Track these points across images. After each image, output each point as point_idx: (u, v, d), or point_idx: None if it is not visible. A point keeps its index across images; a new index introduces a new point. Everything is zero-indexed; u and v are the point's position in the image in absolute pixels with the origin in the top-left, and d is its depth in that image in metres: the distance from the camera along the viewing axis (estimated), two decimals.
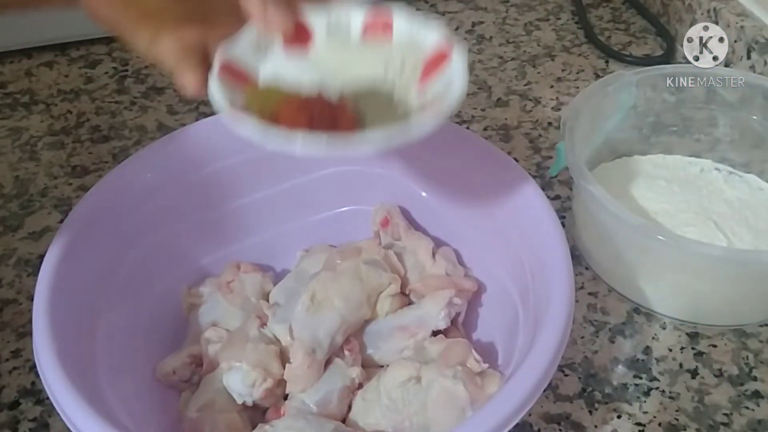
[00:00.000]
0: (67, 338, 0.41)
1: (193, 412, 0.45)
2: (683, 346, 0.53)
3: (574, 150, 0.54)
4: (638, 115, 0.63)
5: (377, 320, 0.50)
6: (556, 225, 0.45)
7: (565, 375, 0.51)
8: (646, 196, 0.60)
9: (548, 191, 0.65)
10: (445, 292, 0.49)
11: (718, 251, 0.51)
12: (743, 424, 0.49)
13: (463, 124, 0.72)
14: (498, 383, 0.44)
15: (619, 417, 0.49)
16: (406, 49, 0.42)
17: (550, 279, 0.43)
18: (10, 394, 0.51)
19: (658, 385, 0.51)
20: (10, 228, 0.63)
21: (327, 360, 0.47)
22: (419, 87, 0.41)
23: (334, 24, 0.43)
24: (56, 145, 0.71)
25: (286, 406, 0.45)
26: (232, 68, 0.40)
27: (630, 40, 0.84)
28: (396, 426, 0.44)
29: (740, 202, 0.60)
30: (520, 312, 0.47)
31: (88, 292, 0.45)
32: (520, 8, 0.90)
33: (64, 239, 0.45)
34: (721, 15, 0.73)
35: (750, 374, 0.51)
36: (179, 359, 0.48)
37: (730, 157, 0.63)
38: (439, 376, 0.44)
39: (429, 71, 0.41)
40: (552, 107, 0.75)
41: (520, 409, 0.37)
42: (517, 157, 0.68)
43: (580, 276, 0.58)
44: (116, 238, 0.48)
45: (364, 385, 0.47)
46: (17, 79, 0.80)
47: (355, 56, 0.42)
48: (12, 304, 0.57)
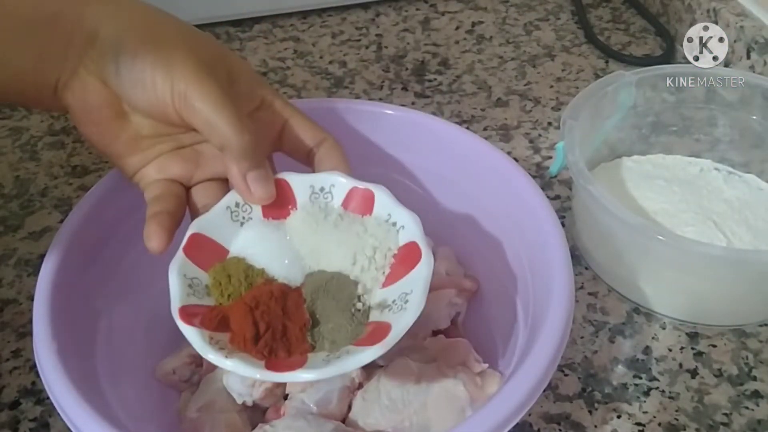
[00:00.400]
0: (67, 338, 0.41)
1: (193, 412, 0.45)
2: (683, 346, 0.53)
3: (574, 150, 0.54)
4: (638, 115, 0.63)
5: None
6: (556, 225, 0.45)
7: (565, 375, 0.51)
8: (645, 196, 0.60)
9: (548, 191, 0.65)
10: (445, 292, 0.49)
11: (717, 251, 0.51)
12: (743, 424, 0.49)
13: (463, 124, 0.72)
14: (498, 383, 0.44)
15: (618, 417, 0.49)
16: (380, 235, 0.41)
17: (550, 279, 0.43)
18: (10, 394, 0.51)
19: (657, 385, 0.51)
20: (11, 228, 0.63)
21: None
22: (384, 287, 0.40)
23: (318, 189, 0.42)
24: (56, 145, 0.71)
25: (286, 406, 0.45)
26: (203, 242, 0.40)
27: (630, 40, 0.84)
28: (396, 426, 0.44)
29: (740, 201, 0.60)
30: (520, 312, 0.47)
31: (88, 292, 0.45)
32: (520, 8, 0.90)
33: (64, 239, 0.45)
34: (720, 15, 0.73)
35: (750, 374, 0.51)
36: (179, 359, 0.48)
37: (730, 156, 0.63)
38: (439, 375, 0.44)
39: (396, 273, 0.40)
40: (552, 107, 0.75)
41: (520, 409, 0.37)
42: (517, 157, 0.68)
43: (580, 276, 0.58)
44: (116, 237, 0.48)
45: (364, 385, 0.47)
46: None
47: (328, 235, 0.41)
48: (12, 304, 0.57)
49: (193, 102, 0.39)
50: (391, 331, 0.36)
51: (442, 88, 0.77)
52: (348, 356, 0.36)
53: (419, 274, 0.38)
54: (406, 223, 0.41)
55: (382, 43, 0.84)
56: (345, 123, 0.53)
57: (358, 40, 0.85)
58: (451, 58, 0.82)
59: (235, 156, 0.40)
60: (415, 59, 0.82)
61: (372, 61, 0.82)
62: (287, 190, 0.42)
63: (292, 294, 0.39)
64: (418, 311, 0.37)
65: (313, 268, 0.41)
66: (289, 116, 0.45)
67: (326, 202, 0.42)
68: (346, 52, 0.83)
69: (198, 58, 0.40)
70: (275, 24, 0.88)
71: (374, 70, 0.80)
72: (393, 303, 0.39)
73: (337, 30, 0.87)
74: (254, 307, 0.38)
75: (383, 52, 0.83)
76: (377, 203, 0.42)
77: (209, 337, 0.37)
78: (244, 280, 0.39)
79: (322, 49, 0.84)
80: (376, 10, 0.90)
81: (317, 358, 0.37)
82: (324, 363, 0.36)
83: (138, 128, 0.43)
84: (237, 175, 0.41)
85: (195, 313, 0.38)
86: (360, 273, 0.40)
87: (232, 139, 0.39)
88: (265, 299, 0.38)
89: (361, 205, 0.42)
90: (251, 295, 0.38)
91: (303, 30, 0.87)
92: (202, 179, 0.44)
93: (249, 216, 0.42)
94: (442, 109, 0.74)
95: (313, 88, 0.78)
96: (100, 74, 0.41)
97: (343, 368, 0.36)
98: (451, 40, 0.85)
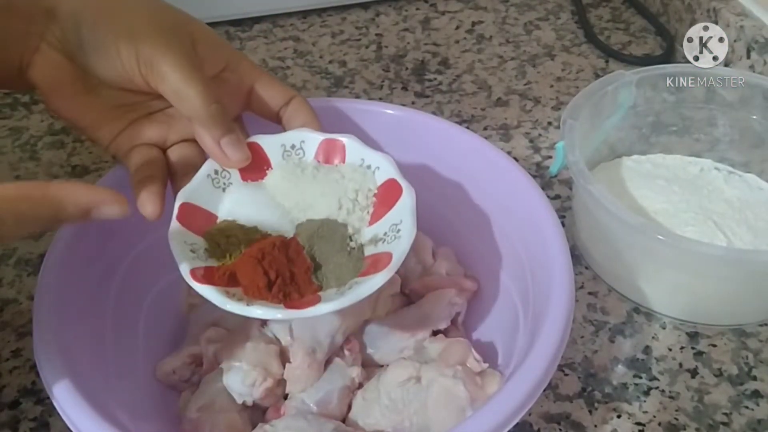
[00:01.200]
0: (67, 338, 0.41)
1: (193, 412, 0.45)
2: (683, 346, 0.53)
3: (574, 149, 0.54)
4: (638, 115, 0.63)
5: (377, 320, 0.50)
6: (556, 225, 0.45)
7: (565, 375, 0.51)
8: (645, 195, 0.60)
9: (548, 191, 0.65)
10: (445, 292, 0.49)
11: (718, 251, 0.51)
12: (743, 424, 0.49)
13: (463, 123, 0.72)
14: (498, 383, 0.44)
15: (619, 416, 0.49)
16: (358, 178, 0.43)
17: (550, 279, 0.43)
18: (10, 394, 0.51)
19: (657, 384, 0.51)
20: None
21: (327, 360, 0.47)
22: (371, 225, 0.42)
23: (289, 147, 0.44)
24: (56, 145, 0.71)
25: (286, 406, 0.45)
26: (192, 210, 0.42)
27: (630, 39, 0.84)
28: (396, 426, 0.44)
29: (740, 201, 0.60)
30: (520, 312, 0.47)
31: (88, 292, 0.45)
32: (520, 8, 0.90)
33: (64, 239, 0.45)
34: (720, 15, 0.73)
35: (750, 374, 0.51)
36: (179, 359, 0.48)
37: (730, 156, 0.63)
38: (439, 375, 0.44)
39: (379, 211, 0.42)
40: (552, 107, 0.75)
41: (520, 409, 0.37)
42: (517, 156, 0.68)
43: (580, 276, 0.58)
44: (116, 237, 0.48)
45: (364, 385, 0.47)
46: None
47: (309, 187, 0.43)
48: (12, 303, 0.57)
49: (159, 70, 0.39)
50: (393, 258, 0.39)
51: (442, 88, 0.77)
52: (359, 286, 0.38)
53: (404, 204, 0.41)
54: (380, 164, 0.43)
55: (382, 42, 0.84)
56: (345, 122, 0.53)
57: (358, 40, 0.85)
58: (451, 58, 0.82)
59: (205, 125, 0.41)
60: (415, 59, 0.82)
61: (372, 61, 0.82)
62: (260, 152, 0.44)
63: (291, 243, 0.41)
64: (411, 236, 0.40)
65: (302, 219, 0.43)
66: (256, 77, 0.45)
67: (299, 158, 0.44)
68: (346, 51, 0.83)
69: (160, 25, 0.40)
70: (275, 24, 0.88)
71: (374, 69, 0.80)
72: (385, 235, 0.41)
73: (337, 30, 0.87)
74: (261, 258, 0.39)
75: (383, 52, 0.83)
76: (348, 151, 0.44)
77: (226, 291, 0.38)
78: (242, 238, 0.41)
79: (322, 49, 0.84)
80: (376, 10, 0.90)
81: (329, 295, 0.39)
82: (339, 295, 0.38)
83: (107, 99, 0.43)
84: (210, 143, 0.42)
85: (203, 274, 0.39)
86: (347, 216, 0.42)
87: (201, 109, 0.40)
88: (269, 249, 0.40)
89: (334, 155, 0.44)
90: (256, 248, 0.40)
91: (303, 30, 0.87)
92: (177, 140, 0.45)
93: (229, 181, 0.44)
94: (442, 109, 0.74)
95: (313, 87, 0.78)
96: (63, 49, 0.41)
97: (359, 295, 0.37)
98: (451, 40, 0.85)
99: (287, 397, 0.46)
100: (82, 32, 0.40)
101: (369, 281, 0.38)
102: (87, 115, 0.43)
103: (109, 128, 0.44)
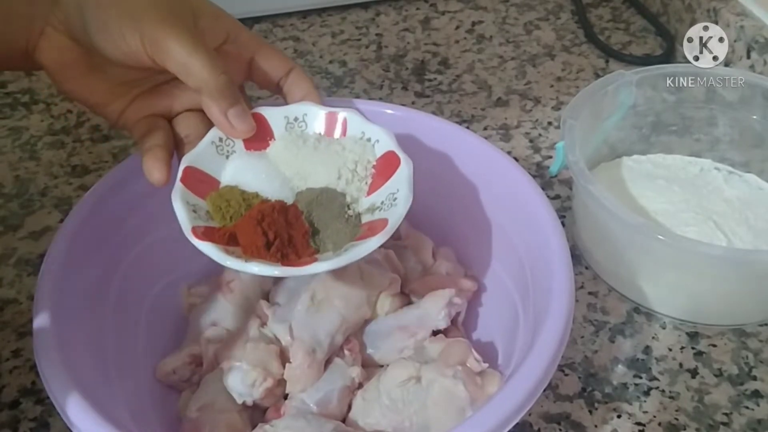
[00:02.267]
0: (67, 338, 0.41)
1: (193, 412, 0.45)
2: (683, 346, 0.53)
3: (574, 149, 0.54)
4: (638, 115, 0.63)
5: (377, 320, 0.50)
6: (556, 225, 0.45)
7: (565, 375, 0.51)
8: (645, 195, 0.60)
9: (548, 191, 0.65)
10: (445, 292, 0.49)
11: (718, 251, 0.51)
12: (743, 424, 0.49)
13: (463, 123, 0.72)
14: (498, 383, 0.44)
15: (619, 417, 0.49)
16: (358, 150, 0.44)
17: (550, 279, 0.43)
18: (10, 394, 0.51)
19: (658, 384, 0.51)
20: (11, 227, 0.63)
21: (327, 360, 0.47)
22: (369, 195, 0.44)
23: (292, 120, 0.45)
24: (56, 145, 0.71)
25: (286, 406, 0.45)
26: (196, 174, 0.43)
27: (630, 39, 0.84)
28: (396, 426, 0.44)
29: (740, 201, 0.60)
30: (520, 312, 0.47)
31: (88, 292, 0.45)
32: (520, 8, 0.90)
33: (64, 239, 0.45)
34: (720, 15, 0.73)
35: (750, 374, 0.51)
36: (179, 359, 0.48)
37: (730, 156, 0.63)
38: (439, 375, 0.44)
39: (377, 181, 0.44)
40: (552, 107, 0.75)
41: (520, 409, 0.37)
42: (517, 157, 0.68)
43: (580, 276, 0.58)
44: (116, 237, 0.48)
45: (364, 385, 0.47)
46: (17, 78, 0.80)
47: (310, 157, 0.44)
48: (12, 303, 0.57)
49: (165, 47, 0.40)
50: (389, 223, 0.40)
51: (442, 88, 0.77)
52: (355, 248, 0.40)
53: (401, 174, 0.43)
54: (380, 137, 0.45)
55: (382, 42, 0.84)
56: None
57: (358, 40, 0.85)
58: (451, 58, 0.82)
59: (213, 96, 0.41)
60: (415, 59, 0.82)
61: (372, 61, 0.81)
62: (264, 123, 0.45)
63: (290, 208, 0.43)
64: (407, 203, 0.41)
65: (302, 187, 0.44)
66: (256, 48, 0.46)
67: (302, 130, 0.46)
68: (346, 51, 0.83)
69: (161, 1, 0.41)
70: (275, 24, 0.88)
71: (374, 69, 0.80)
72: (382, 204, 0.43)
73: (337, 29, 0.87)
74: (261, 220, 0.41)
75: (383, 52, 0.83)
76: (350, 124, 0.45)
77: (225, 249, 0.39)
78: (243, 202, 0.42)
79: (322, 49, 0.84)
80: (376, 10, 0.90)
81: (326, 257, 0.41)
82: (335, 256, 0.40)
83: (113, 77, 0.44)
84: (218, 114, 0.43)
85: (203, 232, 0.40)
86: (345, 185, 0.44)
87: (210, 81, 0.40)
88: (269, 212, 0.41)
89: (335, 128, 0.46)
90: (256, 210, 0.41)
91: (303, 30, 0.87)
92: (181, 110, 0.46)
93: (233, 149, 0.45)
94: (442, 109, 0.74)
95: None
96: (67, 32, 0.42)
97: (355, 256, 0.39)
98: (451, 40, 0.85)
99: (287, 397, 0.46)
100: (85, 15, 0.40)
101: (364, 244, 0.40)
102: (95, 93, 0.44)
103: (117, 104, 0.45)
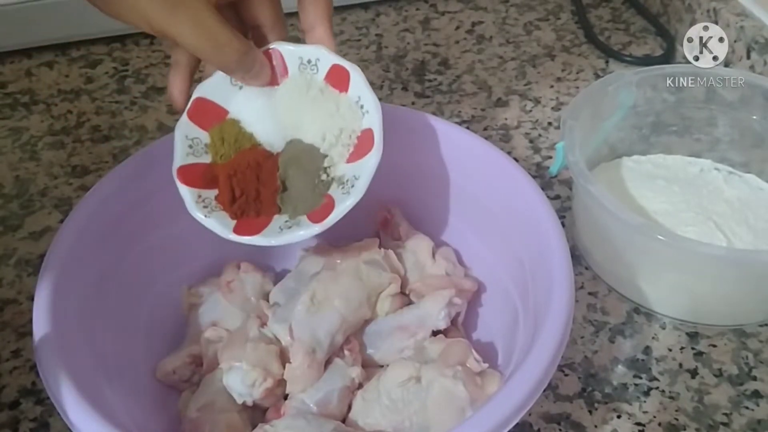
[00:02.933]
0: (67, 338, 0.41)
1: (193, 412, 0.45)
2: (683, 346, 0.53)
3: (574, 150, 0.54)
4: (638, 115, 0.63)
5: (377, 320, 0.50)
6: (556, 225, 0.45)
7: (565, 375, 0.51)
8: (645, 195, 0.60)
9: (548, 191, 0.65)
10: (445, 292, 0.49)
11: (718, 251, 0.51)
12: (743, 424, 0.49)
13: (463, 124, 0.72)
14: (498, 383, 0.44)
15: (619, 417, 0.49)
16: (348, 116, 0.45)
17: (550, 279, 0.43)
18: (10, 394, 0.51)
19: (657, 384, 0.51)
20: (11, 228, 0.63)
21: (327, 360, 0.47)
22: (344, 166, 0.45)
23: (305, 61, 0.46)
24: (56, 145, 0.71)
25: (286, 406, 0.45)
26: (206, 104, 0.46)
27: (630, 40, 0.84)
28: (396, 426, 0.44)
29: (740, 201, 0.60)
30: (520, 312, 0.47)
31: (88, 292, 0.45)
32: (520, 8, 0.90)
33: (64, 239, 0.45)
34: (720, 15, 0.73)
35: (750, 374, 0.51)
36: (179, 359, 0.48)
37: (730, 156, 0.63)
38: (439, 375, 0.44)
39: (357, 152, 0.45)
40: (552, 107, 0.75)
41: (520, 409, 0.37)
42: (517, 157, 0.68)
43: (580, 276, 0.58)
44: (116, 237, 0.48)
45: (364, 385, 0.47)
46: (17, 79, 0.80)
47: (307, 109, 0.46)
48: (12, 303, 0.57)
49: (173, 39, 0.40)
50: (332, 213, 0.43)
51: (442, 88, 0.77)
52: (295, 229, 0.44)
53: (367, 163, 0.43)
54: (371, 108, 0.45)
55: (382, 43, 0.84)
56: None
57: (358, 40, 0.85)
58: (451, 58, 0.82)
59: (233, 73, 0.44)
60: (415, 59, 0.82)
61: (372, 61, 0.82)
62: (281, 60, 0.46)
63: (267, 163, 0.46)
64: (358, 197, 0.43)
65: (293, 137, 0.46)
66: None
67: (312, 74, 0.46)
68: (346, 51, 0.83)
69: None
70: None
71: (374, 69, 0.80)
72: (346, 182, 0.44)
73: (337, 30, 0.87)
74: (232, 175, 0.45)
75: (383, 52, 0.83)
76: (352, 83, 0.46)
77: (198, 195, 0.45)
78: (233, 144, 0.46)
79: None
80: (376, 10, 0.90)
81: (276, 224, 0.45)
82: (277, 233, 0.44)
83: None
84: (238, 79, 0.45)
85: (191, 171, 0.45)
86: (329, 148, 0.45)
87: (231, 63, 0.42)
88: (242, 168, 0.45)
89: (339, 82, 0.46)
90: (231, 164, 0.45)
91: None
92: None
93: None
94: (442, 109, 0.74)
95: None
96: None
97: (289, 239, 0.43)
98: (451, 40, 0.85)
99: (287, 397, 0.46)
100: None
101: (304, 229, 0.43)
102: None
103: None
